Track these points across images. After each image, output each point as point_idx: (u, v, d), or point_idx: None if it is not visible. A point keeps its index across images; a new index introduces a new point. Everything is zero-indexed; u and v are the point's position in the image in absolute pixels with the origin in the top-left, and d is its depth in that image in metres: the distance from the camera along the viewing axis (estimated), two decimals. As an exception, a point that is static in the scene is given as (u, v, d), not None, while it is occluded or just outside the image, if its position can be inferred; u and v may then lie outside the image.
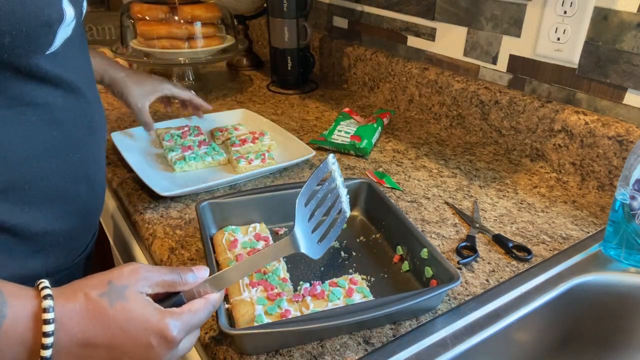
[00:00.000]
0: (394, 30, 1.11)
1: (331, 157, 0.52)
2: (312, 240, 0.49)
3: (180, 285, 0.44)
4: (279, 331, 0.47)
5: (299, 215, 0.47)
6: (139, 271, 0.42)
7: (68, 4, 0.48)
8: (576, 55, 0.79)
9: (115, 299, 0.40)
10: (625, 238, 0.61)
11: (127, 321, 0.39)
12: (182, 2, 1.10)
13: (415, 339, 0.50)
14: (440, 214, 0.72)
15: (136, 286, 0.41)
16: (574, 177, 0.81)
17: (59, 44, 0.49)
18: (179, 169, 0.82)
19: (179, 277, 0.44)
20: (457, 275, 0.51)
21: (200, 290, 0.45)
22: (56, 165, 0.52)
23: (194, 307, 0.43)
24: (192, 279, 0.45)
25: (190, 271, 0.45)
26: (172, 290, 0.44)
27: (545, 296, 0.57)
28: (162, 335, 0.40)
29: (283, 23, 1.15)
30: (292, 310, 0.51)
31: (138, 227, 0.71)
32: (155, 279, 0.43)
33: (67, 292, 0.39)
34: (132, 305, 0.40)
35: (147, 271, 0.43)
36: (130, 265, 0.43)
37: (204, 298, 0.45)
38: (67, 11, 0.47)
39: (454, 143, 0.96)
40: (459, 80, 0.97)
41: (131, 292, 0.41)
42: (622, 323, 0.61)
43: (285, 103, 1.16)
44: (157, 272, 0.43)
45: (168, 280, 0.43)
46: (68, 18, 0.47)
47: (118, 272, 0.41)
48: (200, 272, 0.46)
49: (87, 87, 0.57)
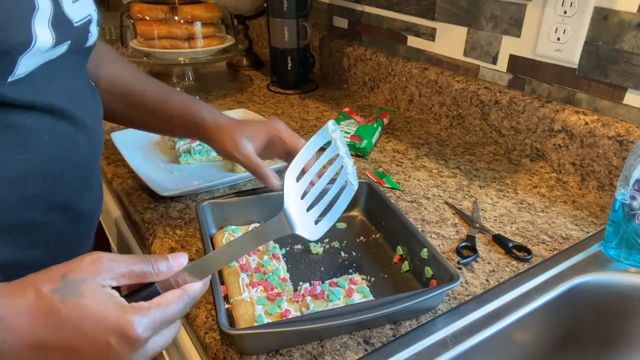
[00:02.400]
0: (394, 30, 1.11)
1: (331, 123, 0.46)
2: (307, 219, 0.43)
3: (153, 276, 0.39)
4: (279, 331, 0.47)
5: (289, 190, 0.41)
6: (100, 261, 0.37)
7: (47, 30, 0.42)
8: (576, 55, 0.79)
9: (70, 294, 0.35)
10: (625, 238, 0.61)
11: (81, 320, 0.35)
12: (182, 2, 1.10)
13: (415, 339, 0.50)
14: (440, 214, 0.72)
15: (96, 279, 0.36)
16: (574, 177, 0.81)
17: (28, 70, 0.43)
18: (184, 161, 0.83)
19: (149, 267, 0.39)
20: (457, 275, 0.51)
21: (178, 280, 0.40)
22: (20, 193, 0.45)
23: (165, 300, 0.38)
24: (165, 268, 0.40)
25: (164, 259, 0.40)
26: (143, 281, 0.39)
27: (545, 296, 0.57)
28: (123, 335, 0.35)
29: (283, 23, 1.15)
30: (292, 310, 0.51)
31: (138, 227, 0.71)
32: (121, 270, 0.38)
33: (16, 288, 0.36)
34: (88, 302, 0.35)
35: (111, 261, 0.38)
36: (91, 254, 0.38)
37: (180, 289, 0.40)
38: (40, 37, 0.41)
39: (454, 143, 0.96)
40: (459, 80, 0.97)
41: (89, 286, 0.36)
42: (622, 323, 0.61)
43: (285, 103, 1.16)
44: (123, 262, 0.38)
45: (137, 270, 0.39)
46: (41, 45, 0.42)
47: (76, 264, 0.37)
48: (177, 260, 0.41)
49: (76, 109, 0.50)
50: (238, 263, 0.58)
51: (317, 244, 0.65)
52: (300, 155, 0.42)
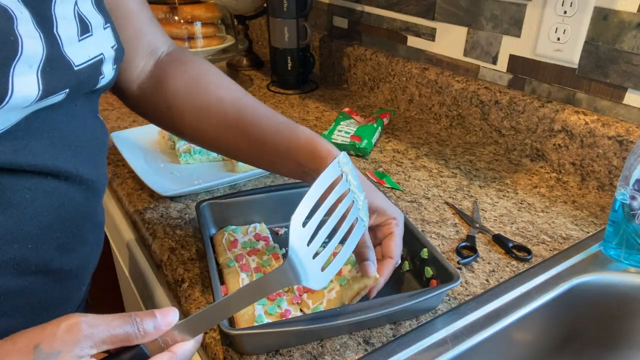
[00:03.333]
0: (394, 30, 1.11)
1: (342, 156, 0.42)
2: (313, 268, 0.39)
3: (137, 339, 0.35)
4: (278, 331, 0.47)
5: (295, 239, 0.37)
6: (78, 328, 0.33)
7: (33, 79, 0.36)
8: (576, 55, 0.79)
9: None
10: (625, 238, 0.61)
11: None
12: (182, 2, 1.10)
13: (415, 339, 0.50)
14: (440, 214, 0.72)
15: (73, 350, 0.32)
16: (574, 177, 0.81)
17: (7, 126, 0.36)
18: (184, 162, 0.83)
19: (134, 329, 0.35)
20: (457, 275, 0.51)
21: (167, 339, 0.36)
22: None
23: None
24: (152, 327, 0.35)
25: (151, 317, 0.36)
26: (126, 344, 0.35)
27: (545, 296, 0.57)
28: None
29: (283, 23, 1.15)
30: (292, 310, 0.51)
31: (138, 227, 0.71)
32: (101, 335, 0.34)
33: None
34: None
35: (90, 327, 0.33)
36: (68, 319, 0.33)
37: (169, 352, 0.36)
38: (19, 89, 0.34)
39: (454, 143, 0.96)
40: (459, 80, 0.97)
41: (64, 359, 0.32)
42: (622, 323, 0.61)
43: (285, 103, 1.16)
44: (105, 326, 0.34)
45: (120, 334, 0.34)
46: (20, 99, 0.35)
47: (50, 331, 0.33)
48: (166, 318, 0.36)
49: (69, 162, 0.43)
50: (238, 263, 0.58)
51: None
52: (307, 197, 0.38)
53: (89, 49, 0.42)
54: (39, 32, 0.37)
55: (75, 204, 0.45)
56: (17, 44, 0.35)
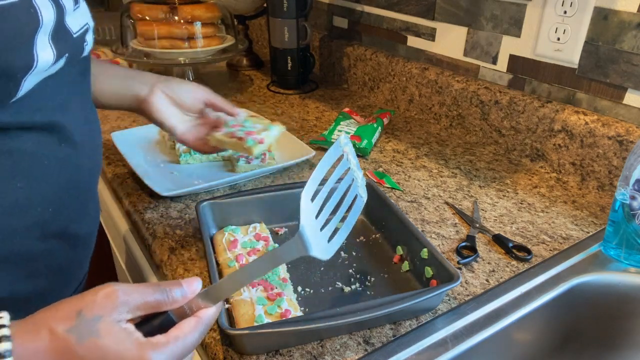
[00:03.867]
0: (394, 30, 1.11)
1: (343, 137, 0.45)
2: (321, 239, 0.42)
3: (167, 305, 0.38)
4: (279, 331, 0.47)
5: (305, 212, 0.41)
6: (115, 295, 0.36)
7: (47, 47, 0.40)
8: (576, 55, 0.79)
9: (86, 334, 0.34)
10: (625, 238, 0.61)
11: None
12: (182, 2, 1.10)
13: (415, 339, 0.50)
14: (440, 214, 0.72)
15: (111, 315, 0.35)
16: (574, 177, 0.81)
17: (27, 90, 0.41)
18: (184, 161, 0.83)
19: (164, 296, 0.38)
20: (457, 275, 0.51)
21: (192, 306, 0.39)
22: (18, 223, 0.44)
23: (182, 332, 0.38)
24: (180, 295, 0.39)
25: (178, 286, 0.39)
26: (157, 310, 0.39)
27: (545, 296, 0.57)
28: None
29: (283, 23, 1.15)
30: (292, 310, 0.51)
31: (138, 227, 0.71)
32: (136, 302, 0.37)
33: (29, 328, 0.34)
34: (106, 341, 0.34)
35: (126, 294, 0.36)
36: (105, 288, 0.37)
37: (195, 317, 0.39)
38: (41, 56, 0.39)
39: (454, 143, 0.96)
40: (459, 80, 0.97)
41: (105, 323, 0.35)
42: (622, 323, 0.61)
43: (285, 103, 1.16)
44: (138, 294, 0.37)
45: (151, 301, 0.38)
46: (43, 64, 0.40)
47: (90, 299, 0.36)
48: (191, 286, 0.40)
49: (76, 128, 0.48)
50: (238, 263, 0.58)
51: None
52: (314, 175, 0.41)
53: (80, 19, 0.47)
54: (50, 1, 0.41)
55: (83, 173, 0.51)
56: (37, 15, 0.39)
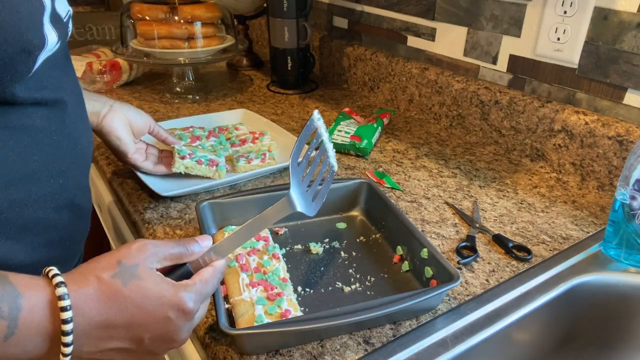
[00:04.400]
0: (394, 30, 1.11)
1: (316, 113, 0.53)
2: (307, 198, 0.49)
3: (187, 257, 0.45)
4: (278, 331, 0.47)
5: (294, 174, 0.48)
6: (146, 247, 0.43)
7: (51, 29, 0.45)
8: (576, 55, 0.79)
9: (129, 278, 0.40)
10: (625, 238, 0.61)
11: (143, 299, 0.40)
12: (182, 2, 1.10)
13: (415, 339, 0.50)
14: (440, 214, 0.72)
15: (146, 263, 0.42)
16: (574, 177, 0.81)
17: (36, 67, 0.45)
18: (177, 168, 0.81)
19: (184, 249, 0.45)
20: (457, 275, 0.51)
21: (205, 259, 0.46)
22: (36, 193, 0.48)
23: (204, 277, 0.44)
24: (197, 249, 0.46)
25: (194, 242, 0.46)
26: (179, 262, 0.45)
27: (545, 296, 0.57)
28: (180, 309, 0.41)
29: (283, 23, 1.15)
30: (292, 310, 0.51)
31: (138, 227, 0.71)
32: (163, 253, 0.43)
33: (77, 278, 0.39)
34: (146, 283, 0.40)
35: (155, 246, 0.43)
36: (137, 242, 0.43)
37: (211, 266, 0.46)
38: (49, 37, 0.44)
39: (454, 143, 0.96)
40: (459, 80, 0.97)
41: (142, 269, 0.41)
42: (622, 323, 0.61)
43: (285, 103, 1.16)
44: (164, 246, 0.44)
45: (175, 253, 0.44)
46: (50, 44, 0.45)
47: (126, 251, 0.42)
48: (205, 242, 0.47)
49: (73, 105, 0.53)
50: (238, 263, 0.58)
51: (317, 244, 0.65)
52: (298, 143, 0.48)
53: (64, 6, 0.50)
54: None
55: (86, 145, 0.56)
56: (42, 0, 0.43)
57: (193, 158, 0.77)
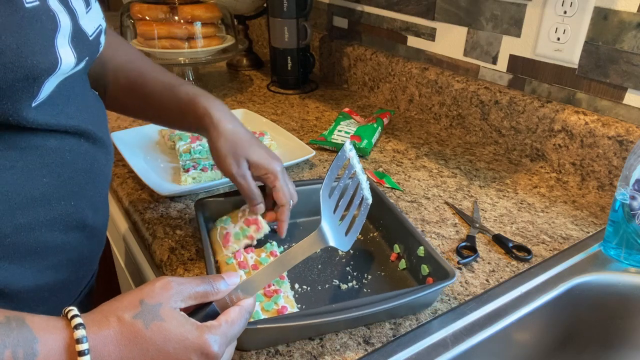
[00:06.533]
0: (394, 30, 1.11)
1: (348, 143, 0.51)
2: (339, 232, 0.47)
3: (213, 295, 0.42)
4: (276, 326, 0.47)
5: (325, 207, 0.46)
6: (170, 285, 0.40)
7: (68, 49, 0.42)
8: (576, 55, 0.79)
9: (151, 319, 0.38)
10: (625, 238, 0.61)
11: (165, 342, 0.38)
12: (182, 2, 1.10)
13: (415, 339, 0.50)
14: (440, 214, 0.72)
15: (169, 302, 0.39)
16: (574, 177, 0.81)
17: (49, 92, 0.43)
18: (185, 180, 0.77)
19: (210, 287, 0.42)
20: (453, 273, 0.52)
21: (232, 297, 0.43)
22: (44, 216, 0.46)
23: (230, 318, 0.41)
24: (224, 287, 0.43)
25: (221, 279, 0.43)
26: (205, 300, 0.42)
27: (545, 296, 0.57)
28: (204, 352, 0.39)
29: (283, 23, 1.15)
30: (288, 307, 0.52)
31: (138, 227, 0.71)
32: (188, 292, 0.41)
33: (97, 318, 0.38)
34: (169, 325, 0.38)
35: (179, 284, 0.41)
36: (160, 280, 0.41)
37: (238, 306, 0.43)
38: (64, 58, 0.41)
39: (454, 143, 0.96)
40: (459, 80, 0.96)
41: (165, 309, 0.39)
42: (622, 323, 0.61)
43: (285, 103, 1.16)
44: (189, 284, 0.41)
45: (200, 291, 0.42)
46: (65, 66, 0.41)
47: (149, 289, 0.40)
48: (232, 279, 0.44)
49: (92, 125, 0.50)
50: (236, 260, 0.58)
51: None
52: (329, 174, 0.47)
53: (93, 21, 0.48)
54: (62, 6, 0.42)
55: (100, 166, 0.53)
56: (55, 18, 0.40)
57: (198, 167, 0.78)
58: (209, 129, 0.59)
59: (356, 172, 0.52)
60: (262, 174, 0.60)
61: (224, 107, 0.61)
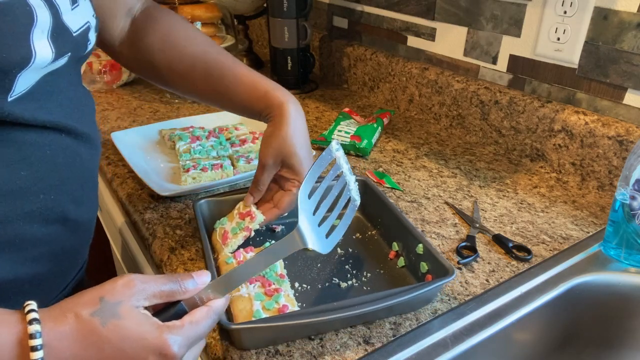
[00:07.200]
0: (394, 30, 1.11)
1: (334, 143, 0.49)
2: (319, 234, 0.46)
3: (180, 294, 0.41)
4: (276, 325, 0.47)
5: (302, 208, 0.45)
6: (133, 283, 0.39)
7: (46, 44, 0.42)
8: (576, 55, 0.79)
9: (109, 317, 0.37)
10: (625, 238, 0.61)
11: (121, 340, 0.37)
12: (182, 2, 1.10)
13: (415, 339, 0.50)
14: (440, 214, 0.72)
15: (130, 300, 0.38)
16: (574, 177, 0.81)
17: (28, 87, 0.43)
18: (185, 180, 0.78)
19: (177, 286, 0.41)
20: (452, 270, 0.52)
21: (202, 297, 0.42)
22: (21, 209, 0.45)
23: (195, 318, 0.41)
24: (192, 286, 0.42)
25: (189, 277, 0.42)
26: (171, 299, 0.41)
27: (545, 296, 0.57)
28: (162, 353, 0.38)
29: (283, 23, 1.15)
30: (289, 305, 0.52)
31: (138, 227, 0.71)
32: (152, 290, 0.40)
33: (55, 314, 0.37)
34: (127, 323, 0.37)
35: (143, 282, 0.40)
36: (124, 277, 0.39)
37: (206, 306, 0.42)
38: (39, 52, 0.41)
39: (454, 143, 0.96)
40: (459, 80, 0.96)
41: (125, 307, 0.38)
42: (622, 323, 0.61)
43: (285, 103, 1.16)
44: (154, 283, 0.40)
45: (166, 290, 0.41)
46: (41, 60, 0.41)
47: (110, 287, 0.39)
48: (201, 278, 0.43)
49: (75, 121, 0.50)
50: (236, 260, 0.58)
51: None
52: (310, 174, 0.45)
53: (79, 18, 0.47)
54: (43, 1, 0.42)
55: (83, 160, 0.52)
56: (32, 12, 0.40)
57: (198, 168, 0.77)
58: (275, 118, 0.59)
59: (343, 172, 0.50)
60: (291, 177, 0.61)
61: (298, 106, 0.61)
